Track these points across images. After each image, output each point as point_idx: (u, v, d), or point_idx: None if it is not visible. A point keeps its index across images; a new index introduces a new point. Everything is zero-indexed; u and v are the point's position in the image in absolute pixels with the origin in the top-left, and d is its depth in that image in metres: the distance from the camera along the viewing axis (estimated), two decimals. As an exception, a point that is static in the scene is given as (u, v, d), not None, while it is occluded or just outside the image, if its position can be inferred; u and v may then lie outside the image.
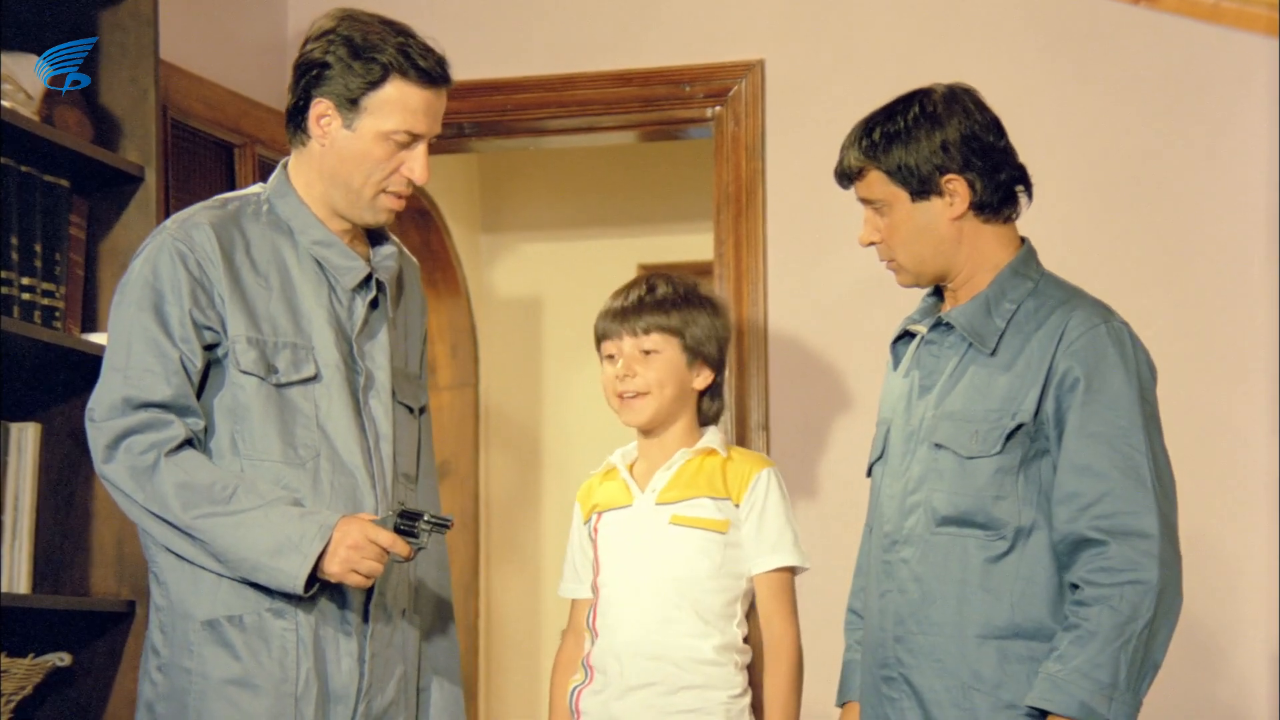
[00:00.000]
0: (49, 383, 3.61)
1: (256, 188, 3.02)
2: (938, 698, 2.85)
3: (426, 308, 3.17)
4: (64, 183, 3.60)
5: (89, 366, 3.52)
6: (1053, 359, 2.84)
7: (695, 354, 3.27)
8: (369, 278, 2.97)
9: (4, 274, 3.45)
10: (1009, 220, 2.95)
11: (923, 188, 2.89)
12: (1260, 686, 4.03)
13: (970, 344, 2.91)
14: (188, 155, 4.21)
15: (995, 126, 2.93)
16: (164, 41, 3.83)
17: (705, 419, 3.31)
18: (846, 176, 2.96)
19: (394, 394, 2.97)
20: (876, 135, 2.91)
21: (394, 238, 3.06)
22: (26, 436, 3.54)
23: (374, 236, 3.03)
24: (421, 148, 2.91)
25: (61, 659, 3.53)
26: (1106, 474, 2.79)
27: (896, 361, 3.08)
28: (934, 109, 2.90)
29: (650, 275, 3.36)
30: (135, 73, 3.69)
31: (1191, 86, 4.17)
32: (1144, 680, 2.76)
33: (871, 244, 2.97)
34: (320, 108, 2.89)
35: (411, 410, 3.04)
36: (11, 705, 3.45)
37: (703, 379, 3.28)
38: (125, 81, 3.69)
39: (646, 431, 3.31)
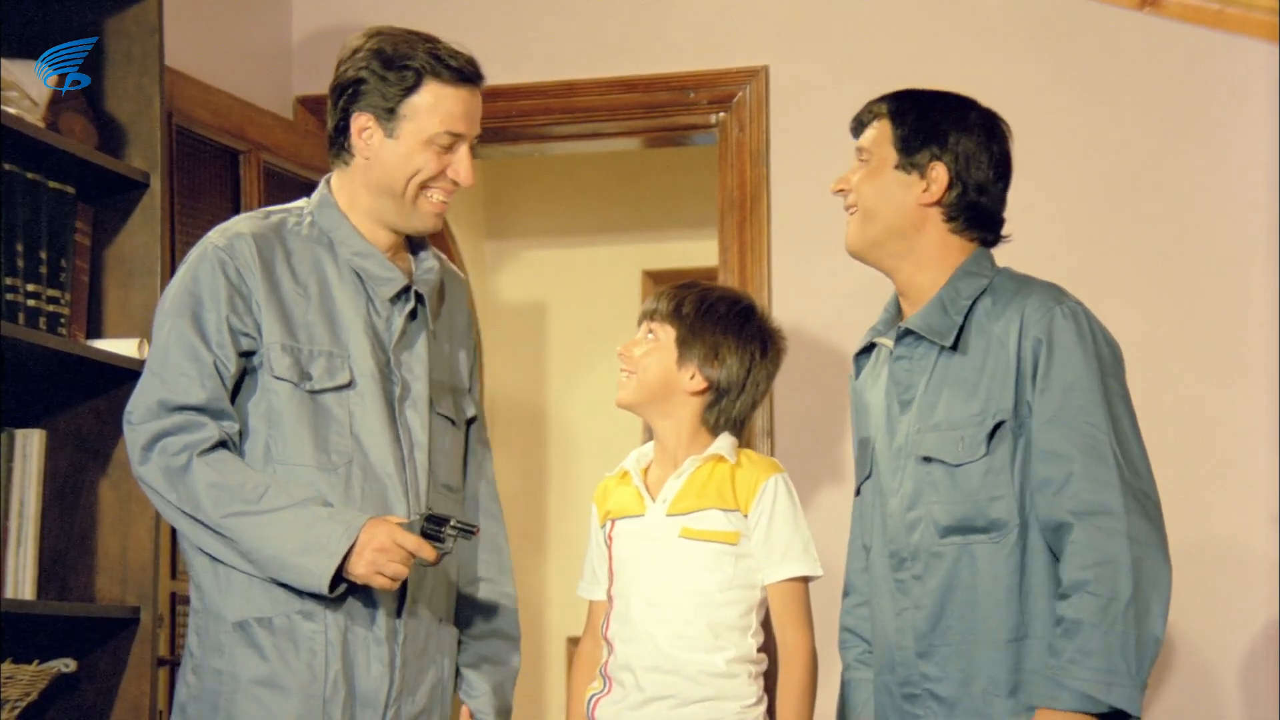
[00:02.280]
0: (54, 389, 3.62)
1: (301, 202, 3.07)
2: (965, 706, 2.85)
3: (472, 321, 3.20)
4: (69, 189, 3.60)
5: (94, 373, 3.53)
6: (1018, 350, 2.86)
7: (687, 356, 3.27)
8: (407, 289, 2.99)
9: (9, 280, 3.46)
10: (973, 241, 2.98)
11: (911, 160, 2.94)
12: (1261, 686, 4.03)
13: (940, 350, 2.93)
14: (193, 162, 4.22)
15: (1002, 163, 2.97)
16: (169, 48, 3.84)
17: (712, 427, 3.30)
18: (861, 122, 3.02)
19: (432, 404, 2.99)
20: (908, 100, 2.98)
21: (437, 251, 3.09)
22: (31, 443, 3.54)
23: (415, 249, 3.06)
24: (464, 150, 2.97)
25: (66, 665, 3.53)
26: (1070, 455, 2.80)
27: (858, 373, 3.10)
28: (966, 115, 2.97)
29: (712, 286, 3.37)
30: (140, 79, 3.70)
31: (1194, 91, 4.17)
32: (1144, 659, 2.73)
33: (840, 191, 3.01)
34: (361, 121, 2.94)
35: (453, 422, 3.06)
36: (16, 712, 3.45)
37: (694, 383, 3.27)
38: (130, 88, 3.70)
39: (651, 431, 3.31)
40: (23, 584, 3.50)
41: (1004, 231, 3.01)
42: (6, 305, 3.45)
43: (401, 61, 2.92)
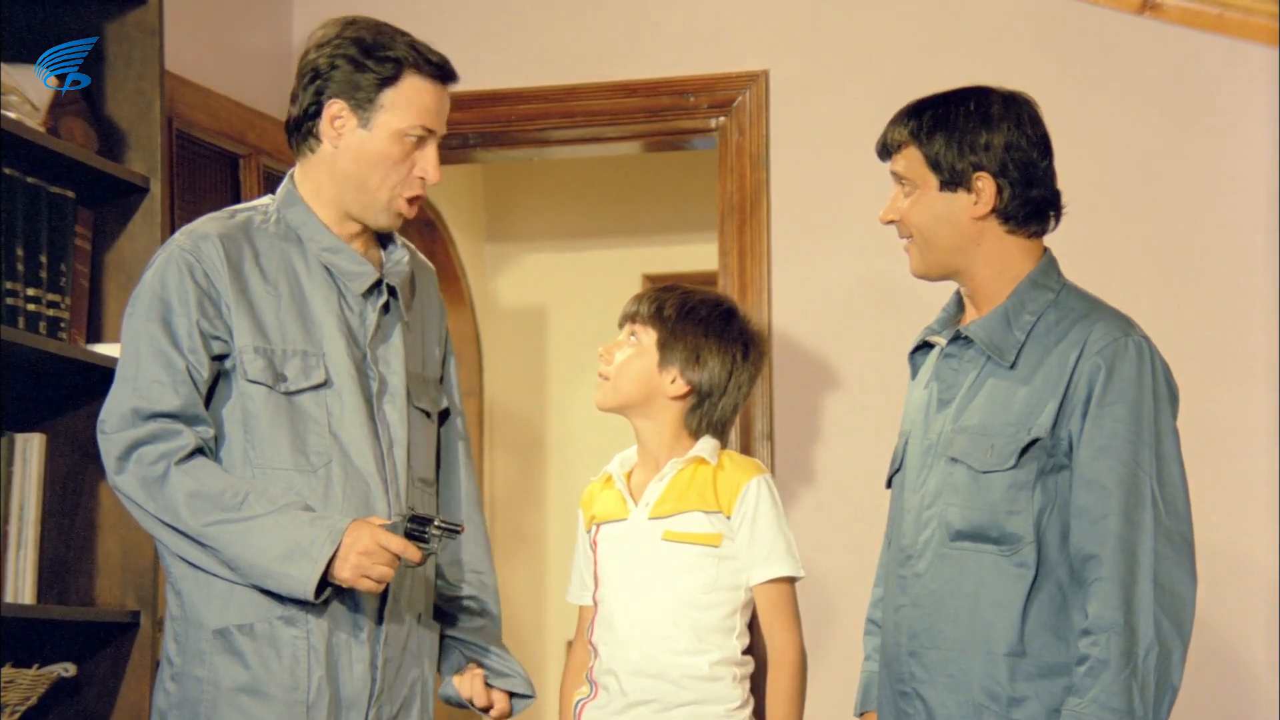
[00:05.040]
0: (54, 393, 3.62)
1: (266, 199, 3.03)
2: (949, 714, 2.83)
3: (445, 311, 3.18)
4: (69, 194, 3.60)
5: (94, 377, 3.53)
6: (1072, 373, 2.81)
7: (668, 359, 3.26)
8: (379, 282, 2.97)
9: (10, 285, 3.46)
10: (1034, 235, 2.93)
11: (953, 179, 2.88)
12: (1261, 687, 4.03)
13: (989, 357, 2.90)
14: (193, 166, 4.22)
15: (1043, 144, 2.92)
16: (169, 53, 3.84)
17: (695, 430, 3.30)
18: (886, 148, 2.96)
19: (409, 398, 2.98)
20: (926, 118, 2.90)
21: (405, 241, 3.06)
22: (31, 447, 3.54)
23: (384, 240, 3.04)
24: (433, 147, 2.94)
25: (66, 669, 3.53)
26: (1111, 491, 2.77)
27: (915, 371, 3.06)
28: (988, 109, 2.89)
29: (693, 289, 3.36)
30: (141, 84, 3.70)
31: (1194, 95, 4.17)
32: (1162, 705, 2.74)
33: (890, 222, 2.96)
34: (334, 109, 2.91)
35: (429, 415, 3.04)
36: (16, 716, 3.45)
37: (675, 387, 3.27)
38: (131, 93, 3.70)
39: (636, 436, 3.31)
40: (23, 588, 3.50)
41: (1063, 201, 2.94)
42: (6, 309, 3.45)
43: (382, 52, 2.90)
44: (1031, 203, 2.90)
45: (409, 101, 2.90)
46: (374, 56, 2.90)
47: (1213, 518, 4.03)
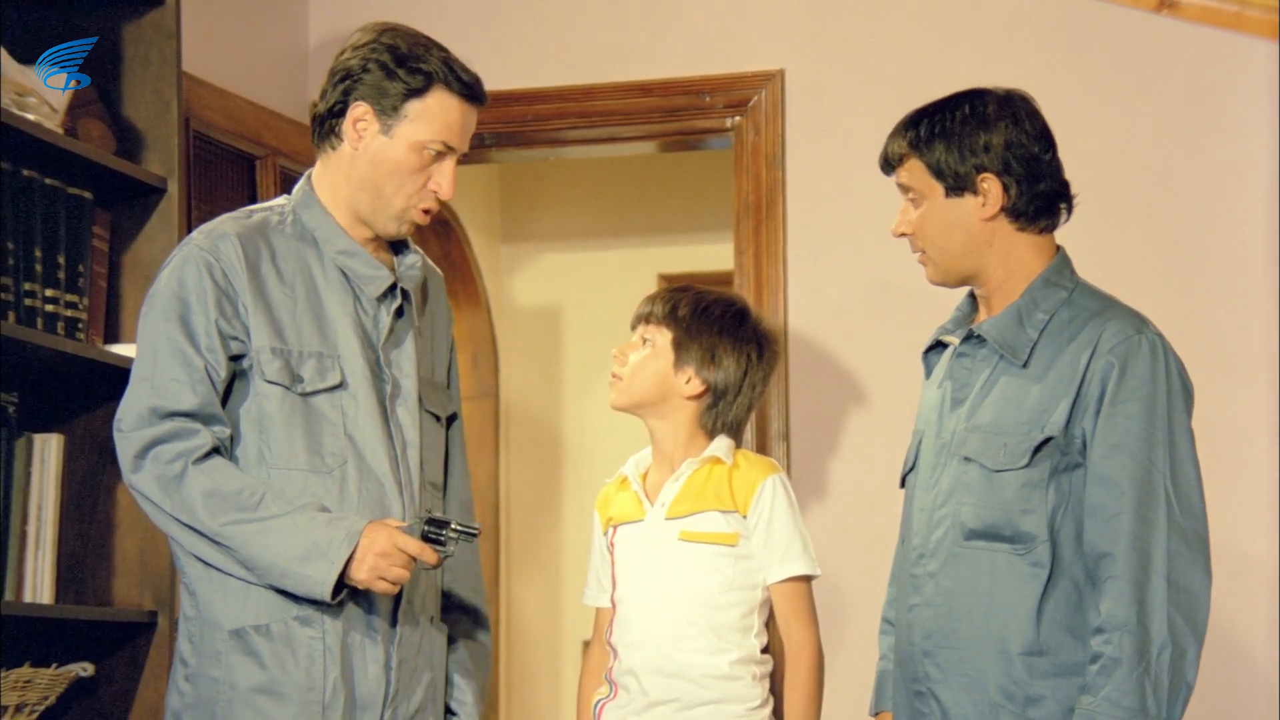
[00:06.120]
0: (72, 394, 3.63)
1: (281, 199, 3.03)
2: (964, 713, 2.82)
3: (453, 318, 3.19)
4: (87, 194, 3.61)
5: (112, 377, 3.54)
6: (1085, 371, 2.81)
7: (684, 359, 3.27)
8: (394, 286, 2.98)
9: (28, 285, 3.47)
10: (1045, 231, 2.93)
11: (958, 184, 2.88)
12: (1261, 687, 4.02)
13: (1002, 356, 2.89)
14: (210, 167, 4.23)
15: (1043, 137, 2.91)
16: (186, 54, 3.84)
17: (710, 430, 3.30)
18: (889, 163, 2.96)
19: (421, 402, 2.99)
20: (923, 128, 2.91)
21: (417, 248, 3.07)
22: (49, 447, 3.55)
23: (397, 245, 3.05)
24: (450, 163, 2.94)
25: (84, 669, 3.54)
26: (1123, 488, 2.77)
27: (929, 371, 3.06)
28: (984, 111, 2.89)
29: (705, 289, 3.36)
30: (158, 85, 3.71)
31: (1212, 94, 4.17)
32: (1176, 703, 2.73)
33: (903, 235, 2.96)
34: (358, 111, 2.91)
35: (438, 419, 3.05)
36: (35, 715, 3.46)
37: (691, 387, 3.27)
38: (148, 94, 3.71)
39: (651, 436, 3.32)
40: (41, 588, 3.51)
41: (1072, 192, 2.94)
42: (25, 310, 3.46)
43: (415, 63, 2.91)
44: (1039, 197, 2.90)
45: (433, 115, 2.91)
46: (406, 66, 2.90)
47: (1212, 517, 4.01)
